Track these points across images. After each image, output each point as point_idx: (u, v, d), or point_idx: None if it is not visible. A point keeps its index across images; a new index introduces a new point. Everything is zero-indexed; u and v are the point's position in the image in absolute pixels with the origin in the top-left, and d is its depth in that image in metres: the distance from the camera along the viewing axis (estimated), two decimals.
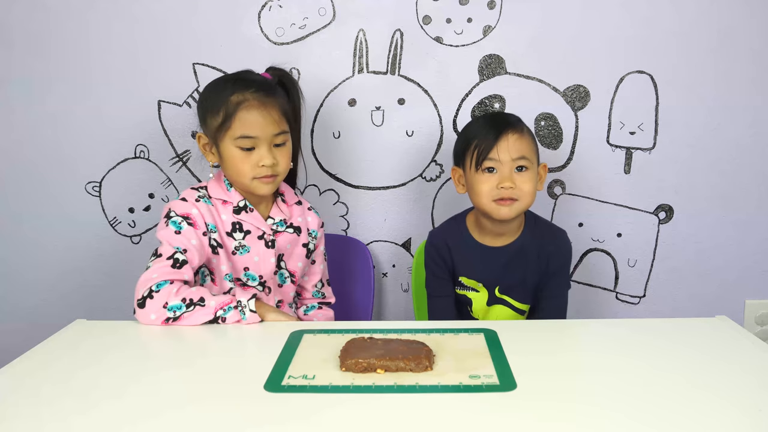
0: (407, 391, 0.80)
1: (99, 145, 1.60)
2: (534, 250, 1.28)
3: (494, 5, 1.53)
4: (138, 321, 1.07)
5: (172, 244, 1.13)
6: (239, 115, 1.15)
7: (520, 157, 1.22)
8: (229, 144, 1.17)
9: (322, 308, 1.37)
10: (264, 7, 1.54)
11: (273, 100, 1.18)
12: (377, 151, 1.60)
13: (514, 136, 1.22)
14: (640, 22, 1.52)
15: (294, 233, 1.28)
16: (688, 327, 1.02)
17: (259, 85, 1.18)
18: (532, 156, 1.24)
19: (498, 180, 1.22)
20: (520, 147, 1.22)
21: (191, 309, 1.06)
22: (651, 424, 0.71)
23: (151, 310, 1.06)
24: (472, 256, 1.30)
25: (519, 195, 1.22)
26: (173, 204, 1.18)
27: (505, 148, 1.21)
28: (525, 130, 1.26)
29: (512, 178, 1.21)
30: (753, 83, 1.55)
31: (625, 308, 1.67)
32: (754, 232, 1.63)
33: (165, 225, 1.15)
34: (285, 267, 1.28)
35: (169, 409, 0.77)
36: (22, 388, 0.83)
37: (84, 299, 1.67)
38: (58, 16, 1.54)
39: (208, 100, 1.20)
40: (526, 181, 1.22)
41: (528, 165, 1.23)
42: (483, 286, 1.31)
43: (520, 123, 1.27)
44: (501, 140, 1.21)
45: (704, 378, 0.83)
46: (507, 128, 1.23)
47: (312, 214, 1.32)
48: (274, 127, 1.17)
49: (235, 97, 1.16)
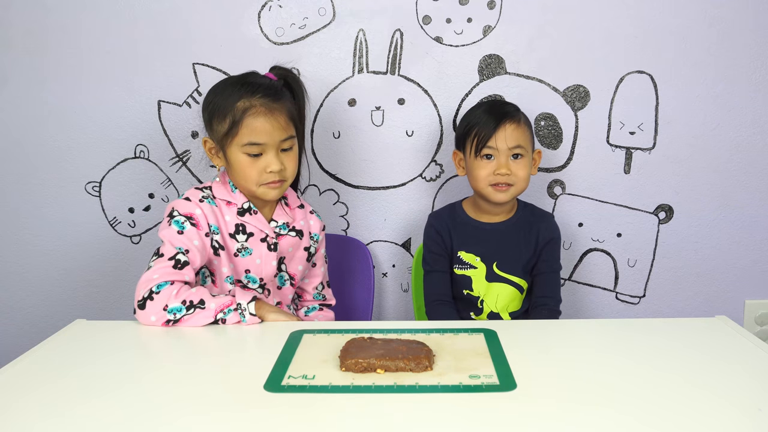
0: (407, 391, 0.80)
1: (99, 145, 1.60)
2: (526, 226, 1.38)
3: (494, 5, 1.53)
4: (138, 321, 1.07)
5: (174, 244, 1.12)
6: (246, 121, 1.15)
7: (516, 146, 1.32)
8: (236, 150, 1.17)
9: (322, 309, 1.37)
10: (264, 7, 1.54)
11: (280, 105, 1.18)
12: (377, 151, 1.60)
13: (512, 125, 1.32)
14: (640, 21, 1.52)
15: (296, 236, 1.27)
16: (688, 327, 1.02)
17: (266, 89, 1.18)
18: (528, 144, 1.34)
19: (495, 166, 1.31)
20: (517, 136, 1.32)
21: (191, 312, 1.06)
22: (651, 424, 0.71)
23: (151, 311, 1.06)
24: (469, 231, 1.39)
25: (514, 180, 1.32)
26: (176, 203, 1.17)
27: (502, 137, 1.31)
28: (522, 119, 1.35)
29: (508, 165, 1.31)
30: (753, 83, 1.55)
31: (625, 308, 1.67)
32: (753, 232, 1.63)
33: (168, 224, 1.15)
34: (285, 270, 1.28)
35: (169, 409, 0.77)
36: (22, 388, 0.83)
37: (84, 299, 1.67)
38: (58, 15, 1.54)
39: (213, 105, 1.19)
40: (521, 168, 1.32)
41: (523, 153, 1.33)
42: (481, 261, 1.37)
43: (518, 113, 1.35)
44: (499, 130, 1.31)
45: (704, 378, 0.83)
46: (505, 118, 1.32)
47: (314, 218, 1.32)
48: (281, 133, 1.17)
49: (241, 104, 1.15)
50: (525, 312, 1.39)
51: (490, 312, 1.37)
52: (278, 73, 1.24)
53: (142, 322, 1.07)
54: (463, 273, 1.38)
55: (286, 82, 1.23)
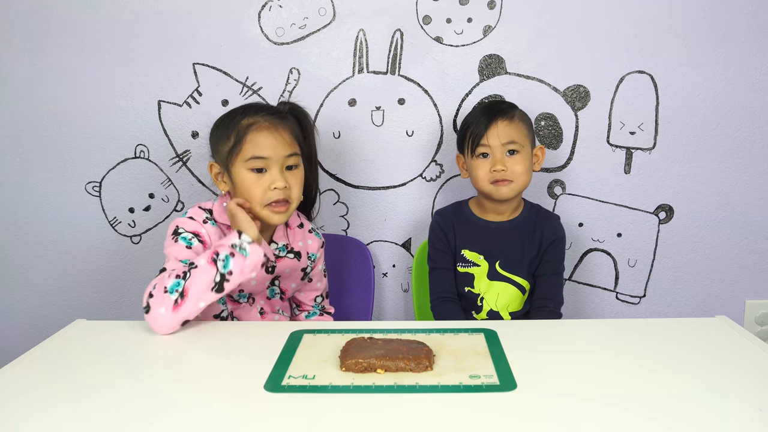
0: (407, 391, 0.80)
1: (99, 145, 1.60)
2: (530, 226, 1.38)
3: (494, 5, 1.53)
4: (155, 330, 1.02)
5: (180, 258, 1.09)
6: (250, 137, 1.14)
7: (510, 141, 1.31)
8: (241, 167, 1.14)
9: (322, 315, 1.37)
10: (264, 7, 1.54)
11: (283, 123, 1.17)
12: (377, 151, 1.60)
13: (504, 122, 1.32)
14: (640, 21, 1.52)
15: (294, 258, 1.26)
16: (688, 327, 1.02)
17: (270, 108, 1.19)
18: (523, 139, 1.33)
19: (491, 164, 1.32)
20: (509, 132, 1.31)
21: (189, 277, 1.02)
22: (651, 424, 0.71)
23: (156, 305, 1.01)
24: (473, 229, 1.39)
25: (512, 176, 1.31)
26: (181, 221, 1.15)
27: (495, 134, 1.31)
28: (516, 115, 1.34)
29: (503, 161, 1.31)
30: (753, 83, 1.55)
31: (625, 308, 1.67)
32: (753, 232, 1.63)
33: (174, 241, 1.12)
34: (278, 285, 1.27)
35: (170, 409, 0.77)
36: (22, 388, 0.83)
37: (84, 299, 1.67)
38: (59, 15, 1.54)
39: (219, 129, 1.19)
40: (517, 163, 1.31)
41: (518, 148, 1.32)
42: (484, 259, 1.37)
43: (512, 110, 1.35)
44: (491, 127, 1.31)
45: (704, 378, 0.83)
46: (497, 115, 1.32)
47: (312, 237, 1.30)
48: (285, 149, 1.15)
49: (245, 121, 1.15)
50: (526, 313, 1.38)
51: (489, 310, 1.37)
52: (284, 105, 1.24)
53: (157, 327, 1.01)
54: (465, 270, 1.38)
55: (292, 110, 1.23)
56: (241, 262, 1.04)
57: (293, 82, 1.56)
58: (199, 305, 1.03)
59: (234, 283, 1.05)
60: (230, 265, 1.04)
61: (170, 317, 1.01)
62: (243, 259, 1.05)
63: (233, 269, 1.04)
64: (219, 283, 1.04)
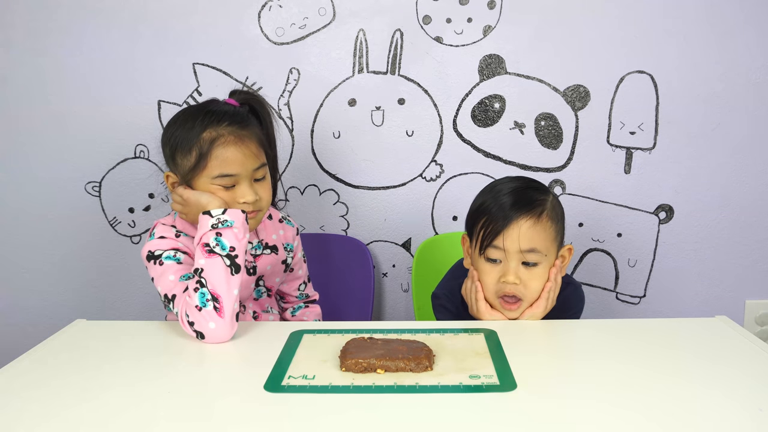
0: (407, 391, 0.80)
1: (99, 145, 1.60)
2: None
3: (494, 5, 1.53)
4: (210, 336, 0.98)
5: (179, 276, 1.04)
6: (215, 153, 1.06)
7: (530, 249, 1.04)
8: (206, 183, 1.08)
9: (308, 306, 1.36)
10: (264, 7, 1.54)
11: (248, 131, 1.10)
12: (377, 151, 1.60)
13: (528, 222, 1.04)
14: (640, 21, 1.52)
15: (272, 253, 1.23)
16: (688, 327, 1.02)
17: (232, 116, 1.09)
18: (548, 246, 1.06)
19: (501, 272, 1.06)
20: (532, 236, 1.04)
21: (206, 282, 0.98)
22: (651, 424, 0.71)
23: (204, 325, 0.97)
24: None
25: (524, 294, 1.06)
26: (154, 245, 1.08)
27: (514, 237, 1.04)
28: (544, 213, 1.06)
29: (518, 272, 1.05)
30: (753, 83, 1.55)
31: (625, 308, 1.67)
32: (753, 232, 1.63)
33: (160, 265, 1.05)
34: (263, 284, 1.25)
35: (169, 408, 0.77)
36: (22, 387, 0.83)
37: (84, 299, 1.67)
38: (58, 15, 1.54)
39: (175, 138, 1.10)
40: (534, 278, 1.06)
41: (539, 259, 1.05)
42: None
43: (542, 203, 1.07)
44: (511, 227, 1.04)
45: (704, 378, 0.83)
46: (522, 211, 1.04)
47: (284, 226, 1.26)
48: (253, 161, 1.09)
49: (207, 134, 1.07)
50: None
51: None
52: (241, 98, 1.16)
53: (221, 340, 0.97)
54: None
55: (251, 107, 1.15)
56: (232, 233, 1.01)
57: (293, 82, 1.56)
58: (233, 293, 0.99)
59: (241, 254, 1.02)
60: (226, 243, 1.01)
61: (223, 325, 0.98)
62: (230, 229, 1.01)
63: (232, 244, 1.01)
64: (232, 265, 1.00)
